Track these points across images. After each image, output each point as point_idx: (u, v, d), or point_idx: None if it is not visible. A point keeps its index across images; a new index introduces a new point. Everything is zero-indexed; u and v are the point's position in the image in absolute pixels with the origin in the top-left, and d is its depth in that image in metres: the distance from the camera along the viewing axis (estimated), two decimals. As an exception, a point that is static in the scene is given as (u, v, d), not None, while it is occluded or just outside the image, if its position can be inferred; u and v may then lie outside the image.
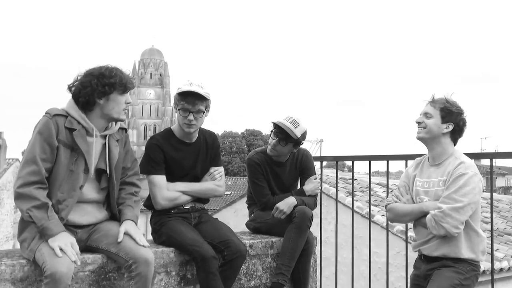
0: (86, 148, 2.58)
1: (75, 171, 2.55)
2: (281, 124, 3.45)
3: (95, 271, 2.64)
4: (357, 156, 4.02)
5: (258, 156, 3.60)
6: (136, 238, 2.57)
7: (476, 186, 2.65)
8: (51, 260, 2.31)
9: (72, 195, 2.56)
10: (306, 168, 3.65)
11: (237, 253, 2.95)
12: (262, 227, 3.58)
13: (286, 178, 3.60)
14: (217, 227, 3.10)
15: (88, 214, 2.66)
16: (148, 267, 2.52)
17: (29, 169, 2.44)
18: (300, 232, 3.30)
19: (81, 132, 2.57)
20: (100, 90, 2.57)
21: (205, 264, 2.84)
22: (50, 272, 2.27)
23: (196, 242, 2.91)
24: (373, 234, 3.92)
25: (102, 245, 2.62)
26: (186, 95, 3.02)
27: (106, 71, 2.60)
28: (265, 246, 3.40)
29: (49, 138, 2.50)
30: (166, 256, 2.95)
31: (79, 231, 2.65)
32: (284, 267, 3.27)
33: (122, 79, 2.61)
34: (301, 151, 3.67)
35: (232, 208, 12.69)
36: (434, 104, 2.81)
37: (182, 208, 3.16)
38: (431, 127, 2.79)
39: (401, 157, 3.71)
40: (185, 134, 3.14)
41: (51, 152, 2.50)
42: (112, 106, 2.62)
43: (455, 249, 2.69)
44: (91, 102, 2.59)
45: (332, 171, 12.06)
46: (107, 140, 2.68)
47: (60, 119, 2.54)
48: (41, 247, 2.40)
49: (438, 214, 2.65)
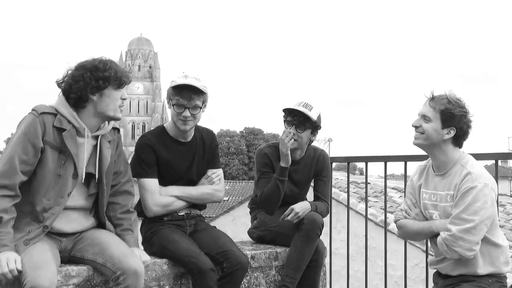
0: (76, 150, 2.56)
1: (63, 175, 2.55)
2: (296, 106, 3.41)
3: (80, 285, 2.64)
4: (371, 157, 4.00)
5: (270, 150, 3.59)
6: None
7: (487, 199, 2.56)
8: (32, 273, 2.31)
9: (59, 202, 2.55)
10: (322, 170, 3.64)
11: (237, 265, 2.94)
12: (267, 235, 3.58)
13: (298, 178, 3.59)
14: (215, 236, 3.10)
15: (74, 222, 2.66)
16: (138, 279, 2.52)
17: (3, 169, 2.44)
18: (309, 240, 3.30)
19: (71, 133, 2.55)
20: (94, 84, 2.56)
21: (202, 278, 2.84)
22: (30, 285, 2.27)
23: (192, 253, 2.91)
24: (389, 245, 3.91)
25: (88, 255, 2.62)
26: (181, 88, 3.01)
27: (100, 64, 2.58)
28: (268, 258, 3.41)
29: (34, 139, 2.48)
30: (158, 268, 2.95)
31: (64, 239, 2.65)
32: (288, 278, 3.27)
33: (117, 72, 2.60)
34: (318, 151, 3.67)
35: (230, 215, 12.69)
36: (434, 104, 2.67)
37: (176, 215, 3.16)
38: (430, 133, 2.66)
39: (420, 158, 3.70)
40: (180, 133, 3.13)
41: (34, 154, 2.49)
42: (107, 103, 2.61)
43: (473, 268, 2.66)
44: (84, 98, 2.57)
45: (342, 174, 12.05)
46: (98, 141, 2.67)
47: (48, 117, 2.52)
48: (22, 257, 2.39)
49: (448, 238, 2.58)
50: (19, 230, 2.47)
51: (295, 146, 3.46)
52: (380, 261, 7.20)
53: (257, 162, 3.59)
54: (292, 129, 3.43)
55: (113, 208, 2.81)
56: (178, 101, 3.02)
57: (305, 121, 3.43)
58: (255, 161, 3.62)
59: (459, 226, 2.56)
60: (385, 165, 3.85)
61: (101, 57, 2.65)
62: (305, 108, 3.41)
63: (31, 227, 2.50)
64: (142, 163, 3.08)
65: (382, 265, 4.09)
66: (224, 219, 12.64)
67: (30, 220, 2.51)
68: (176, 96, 3.03)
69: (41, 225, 2.52)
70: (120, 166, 2.82)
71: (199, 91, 3.01)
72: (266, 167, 3.53)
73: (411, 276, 7.36)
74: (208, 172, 3.25)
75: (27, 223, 2.50)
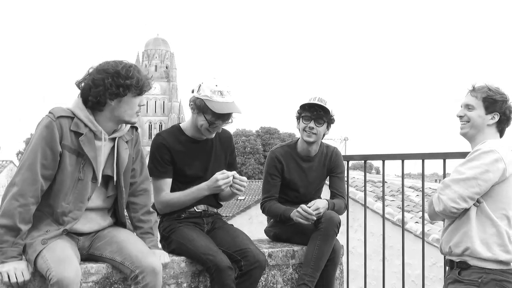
0: (94, 154, 2.55)
1: (83, 179, 2.55)
2: (312, 101, 3.44)
3: (99, 282, 2.67)
4: (388, 155, 3.97)
5: (282, 150, 3.60)
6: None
7: (488, 161, 2.58)
8: (56, 266, 2.34)
9: (79, 207, 2.56)
10: (336, 167, 3.65)
11: (255, 263, 2.94)
12: (283, 233, 3.58)
13: (313, 175, 3.61)
14: (233, 234, 3.11)
15: (91, 222, 2.68)
16: (156, 276, 2.54)
17: (25, 175, 2.44)
18: (327, 239, 3.29)
19: (88, 137, 2.54)
20: (114, 91, 2.51)
21: (220, 275, 2.85)
22: (56, 279, 2.30)
23: (210, 251, 2.92)
24: (406, 244, 3.89)
25: (106, 253, 2.64)
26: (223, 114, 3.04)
27: (122, 70, 2.52)
28: (285, 256, 3.40)
29: (52, 143, 2.47)
30: (176, 266, 2.96)
31: (81, 238, 2.68)
32: (308, 277, 3.27)
33: (139, 81, 2.55)
34: (330, 148, 3.69)
35: (246, 214, 12.70)
36: (476, 93, 2.76)
37: (194, 212, 3.18)
38: (475, 119, 2.74)
39: (438, 156, 3.67)
40: (198, 134, 3.17)
41: (53, 158, 2.48)
42: (125, 109, 2.58)
43: (465, 238, 2.61)
44: (102, 103, 2.54)
45: (359, 173, 12.01)
46: (116, 143, 2.66)
47: (65, 121, 2.50)
48: (44, 253, 2.43)
49: (439, 186, 2.65)
50: (38, 229, 2.50)
51: (314, 139, 3.48)
52: (396, 260, 7.17)
53: (267, 163, 3.62)
54: (311, 123, 3.45)
55: (133, 209, 2.82)
56: (216, 122, 3.06)
57: (324, 114, 3.45)
58: (266, 162, 3.64)
59: (451, 177, 2.63)
60: (402, 163, 3.83)
61: (125, 61, 2.59)
62: (321, 102, 3.44)
63: (50, 227, 2.52)
64: (155, 162, 3.10)
65: (398, 264, 4.07)
66: (240, 218, 12.65)
67: (50, 222, 2.54)
68: (215, 119, 3.04)
69: (61, 228, 2.53)
70: (138, 163, 2.82)
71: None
72: (274, 169, 3.55)
73: (429, 275, 7.30)
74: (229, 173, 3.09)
75: (47, 223, 2.53)
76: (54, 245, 2.47)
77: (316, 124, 3.45)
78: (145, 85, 2.60)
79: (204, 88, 3.05)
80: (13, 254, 2.42)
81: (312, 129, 3.45)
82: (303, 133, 3.49)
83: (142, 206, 2.82)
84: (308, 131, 3.46)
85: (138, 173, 2.82)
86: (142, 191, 2.83)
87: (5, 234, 2.40)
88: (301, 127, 3.48)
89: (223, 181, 3.00)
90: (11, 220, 2.40)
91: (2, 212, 2.43)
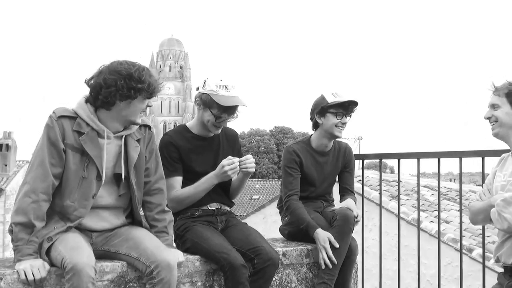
0: (97, 152, 2.58)
1: (87, 178, 2.57)
2: (343, 99, 3.48)
3: (114, 281, 2.68)
4: (403, 154, 3.94)
5: (298, 146, 3.62)
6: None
7: None
8: (69, 254, 2.37)
9: (84, 204, 2.58)
10: (349, 162, 3.71)
11: (268, 261, 2.94)
12: (298, 232, 3.56)
13: (328, 170, 3.64)
14: (246, 233, 3.11)
15: (103, 221, 2.70)
16: (171, 272, 2.55)
17: (36, 173, 2.48)
18: (343, 236, 3.28)
19: (90, 136, 2.57)
20: (125, 93, 2.53)
21: (233, 273, 2.85)
22: (71, 265, 2.33)
23: (224, 249, 2.92)
24: (421, 243, 3.85)
25: (122, 250, 2.66)
26: (229, 107, 3.09)
27: (135, 73, 2.53)
28: (300, 255, 3.39)
29: (55, 142, 2.52)
30: (191, 265, 2.97)
31: (94, 234, 2.70)
32: (327, 275, 3.25)
33: (150, 85, 2.57)
34: (342, 144, 3.73)
35: (261, 213, 12.69)
36: (498, 92, 2.72)
37: (207, 210, 3.19)
38: (502, 118, 2.70)
39: (454, 154, 3.64)
40: (205, 131, 3.21)
41: (59, 156, 2.52)
42: (132, 110, 2.61)
43: None
44: (111, 103, 2.56)
45: (373, 172, 11.94)
46: (123, 141, 2.68)
47: (66, 121, 2.54)
48: (56, 245, 2.46)
49: (500, 203, 2.52)
50: (46, 227, 2.53)
51: (341, 132, 3.54)
52: (411, 259, 7.10)
53: (285, 158, 3.61)
54: (345, 119, 3.50)
55: (148, 208, 2.83)
56: (222, 116, 3.10)
57: (354, 106, 3.53)
58: (283, 157, 3.64)
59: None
60: (418, 162, 3.80)
61: (137, 64, 2.59)
62: (344, 95, 3.51)
63: (57, 224, 2.55)
64: (164, 161, 3.09)
65: (413, 263, 4.03)
66: (255, 218, 12.65)
67: (58, 219, 2.57)
68: (221, 112, 3.09)
69: (66, 224, 2.56)
70: (152, 163, 2.82)
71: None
72: (293, 163, 3.55)
73: (444, 275, 7.24)
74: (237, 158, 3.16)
75: (55, 221, 2.56)
76: (66, 236, 2.51)
77: (350, 115, 3.54)
78: (156, 89, 2.62)
79: (209, 83, 3.12)
80: (29, 251, 2.44)
81: (344, 124, 3.52)
82: (334, 129, 3.50)
83: (157, 205, 2.82)
84: (340, 126, 3.51)
85: (152, 172, 2.82)
86: (157, 190, 2.83)
87: (19, 231, 2.43)
88: (333, 122, 3.49)
89: (229, 166, 3.05)
90: (26, 217, 2.43)
91: (16, 210, 2.46)
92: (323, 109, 3.51)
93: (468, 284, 6.98)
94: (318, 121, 3.55)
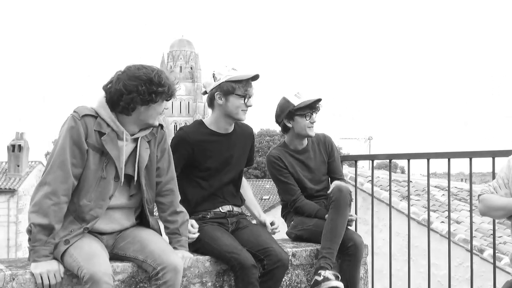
0: (117, 153, 2.58)
1: (106, 178, 2.58)
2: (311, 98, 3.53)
3: (125, 281, 2.69)
4: (413, 154, 3.93)
5: (276, 151, 3.66)
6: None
7: None
8: (86, 263, 2.38)
9: (100, 205, 2.59)
10: (332, 151, 3.73)
11: (278, 262, 2.94)
12: (304, 234, 3.57)
13: (313, 164, 3.67)
14: (256, 234, 3.11)
15: (114, 222, 2.70)
16: (177, 275, 2.55)
17: (56, 174, 2.46)
18: (339, 210, 3.31)
19: (110, 136, 2.57)
20: (147, 98, 2.54)
21: (244, 274, 2.85)
22: (88, 275, 2.34)
23: (235, 249, 2.92)
24: (431, 244, 3.84)
25: (130, 253, 2.66)
26: (248, 80, 3.13)
27: (155, 77, 2.54)
28: (309, 255, 3.39)
29: (79, 141, 2.51)
30: (201, 265, 2.97)
31: (104, 237, 2.70)
32: (325, 250, 3.25)
33: (170, 88, 2.60)
34: (319, 134, 3.76)
35: (271, 213, 12.69)
36: None
37: (219, 213, 3.19)
38: None
39: (464, 155, 3.63)
40: (223, 125, 3.19)
41: (81, 156, 2.52)
42: (151, 113, 2.61)
43: None
44: (132, 108, 2.57)
45: (383, 173, 11.89)
46: (138, 143, 2.67)
47: (90, 120, 2.54)
48: (71, 251, 2.46)
49: None
50: (62, 228, 2.52)
51: (312, 131, 3.59)
52: (422, 260, 7.08)
53: (271, 168, 3.64)
54: (314, 117, 3.55)
55: (161, 209, 2.83)
56: (247, 91, 3.12)
57: (319, 102, 3.58)
58: (268, 167, 3.67)
59: None
60: (427, 162, 3.78)
61: (154, 67, 2.61)
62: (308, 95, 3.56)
63: (73, 226, 2.54)
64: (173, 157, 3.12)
65: (424, 264, 4.01)
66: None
67: (73, 219, 2.56)
68: (245, 87, 3.11)
69: (82, 226, 2.56)
70: (164, 163, 2.81)
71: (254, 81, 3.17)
72: (281, 168, 3.59)
73: (455, 276, 7.19)
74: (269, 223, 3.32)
75: (70, 221, 2.55)
76: (81, 242, 2.51)
77: (315, 115, 3.58)
78: (175, 91, 2.65)
79: (219, 73, 3.13)
80: (45, 253, 2.45)
81: (314, 122, 3.57)
82: (307, 130, 3.55)
83: (169, 206, 2.82)
84: (311, 126, 3.56)
85: (164, 173, 2.80)
86: (168, 191, 2.82)
87: (38, 233, 2.43)
88: (304, 124, 3.54)
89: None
90: (47, 219, 2.43)
91: (37, 211, 2.44)
92: (291, 113, 3.54)
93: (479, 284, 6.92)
94: (288, 125, 3.58)
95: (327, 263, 3.21)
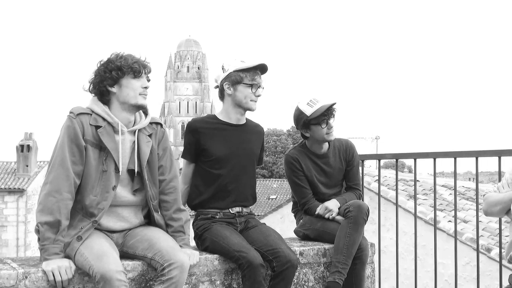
0: (113, 145, 2.64)
1: (107, 170, 2.63)
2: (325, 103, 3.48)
3: (135, 279, 2.72)
4: (420, 153, 3.94)
5: (296, 151, 3.62)
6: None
7: None
8: (97, 262, 2.42)
9: (106, 197, 2.64)
10: (352, 159, 3.67)
11: (287, 264, 2.95)
12: (311, 233, 3.59)
13: (331, 171, 3.61)
14: (266, 233, 3.12)
15: (123, 220, 2.75)
16: (183, 272, 2.58)
17: (57, 173, 2.53)
18: (357, 226, 3.30)
19: (106, 129, 2.64)
20: (108, 76, 2.66)
21: (251, 272, 2.87)
22: (99, 275, 2.38)
23: (243, 248, 2.94)
24: (439, 243, 3.84)
25: (138, 251, 2.70)
26: (256, 69, 3.21)
27: (112, 56, 2.70)
28: (317, 254, 3.41)
29: (76, 139, 2.58)
30: (210, 264, 3.00)
31: (114, 235, 2.75)
32: (341, 264, 3.25)
33: (128, 61, 2.68)
34: (343, 141, 3.70)
35: (278, 213, 12.71)
36: None
37: (229, 213, 3.21)
38: None
39: (470, 154, 3.63)
40: (235, 116, 3.25)
41: (80, 154, 2.59)
42: (127, 92, 2.69)
43: None
44: (105, 92, 2.69)
45: (390, 172, 11.88)
46: (136, 136, 2.73)
47: (85, 117, 2.62)
48: (81, 251, 2.50)
49: None
50: (73, 227, 2.57)
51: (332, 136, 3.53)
52: (429, 259, 7.08)
53: (287, 168, 3.63)
54: (331, 123, 3.49)
55: (164, 207, 2.87)
56: (254, 80, 3.19)
57: (334, 110, 3.53)
58: (285, 167, 3.66)
59: None
60: (434, 161, 3.79)
61: (120, 52, 2.75)
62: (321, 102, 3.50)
63: (83, 223, 2.59)
64: (184, 145, 3.25)
65: (431, 263, 4.03)
66: (272, 217, 12.66)
67: (82, 217, 2.61)
68: (252, 76, 3.19)
69: (91, 220, 2.60)
70: (166, 161, 2.87)
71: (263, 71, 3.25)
72: (297, 170, 3.56)
73: (462, 275, 7.19)
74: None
75: (79, 220, 2.60)
76: (91, 241, 2.55)
77: (333, 119, 3.52)
78: (137, 64, 2.70)
79: (229, 64, 3.23)
80: (55, 251, 2.49)
81: (331, 127, 3.51)
82: (325, 136, 3.49)
83: (173, 204, 2.87)
84: (329, 131, 3.49)
85: (167, 170, 2.86)
86: (172, 188, 2.88)
87: (46, 231, 2.48)
88: (321, 132, 3.48)
89: None
90: (52, 216, 2.48)
91: (41, 210, 2.50)
92: (306, 123, 3.50)
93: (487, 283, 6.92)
94: (306, 135, 3.56)
95: (341, 279, 3.24)
